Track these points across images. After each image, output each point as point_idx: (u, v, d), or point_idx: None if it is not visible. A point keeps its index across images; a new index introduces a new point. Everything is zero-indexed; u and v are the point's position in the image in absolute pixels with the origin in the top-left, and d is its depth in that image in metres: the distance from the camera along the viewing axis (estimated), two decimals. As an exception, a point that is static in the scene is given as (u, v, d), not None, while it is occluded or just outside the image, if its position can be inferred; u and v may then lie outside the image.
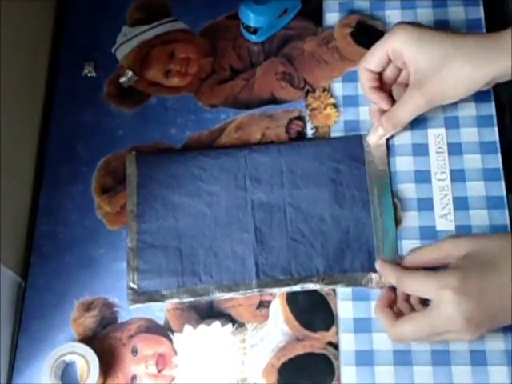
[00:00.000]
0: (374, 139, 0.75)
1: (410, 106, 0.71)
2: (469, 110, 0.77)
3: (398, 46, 0.70)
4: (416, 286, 0.64)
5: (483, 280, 0.61)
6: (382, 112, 0.74)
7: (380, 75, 0.74)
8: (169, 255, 0.72)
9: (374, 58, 0.72)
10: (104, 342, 0.70)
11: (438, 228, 0.72)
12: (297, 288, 0.70)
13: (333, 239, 0.72)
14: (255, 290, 0.70)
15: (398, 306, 0.67)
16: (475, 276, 0.61)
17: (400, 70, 0.74)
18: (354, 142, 0.76)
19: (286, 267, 0.71)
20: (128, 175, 0.77)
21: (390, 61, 0.73)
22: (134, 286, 0.71)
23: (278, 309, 0.70)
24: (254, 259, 0.71)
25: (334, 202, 0.73)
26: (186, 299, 0.71)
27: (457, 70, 0.68)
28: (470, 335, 0.62)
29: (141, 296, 0.71)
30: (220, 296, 0.71)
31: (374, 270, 0.70)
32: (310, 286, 0.70)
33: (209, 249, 0.72)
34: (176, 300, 0.71)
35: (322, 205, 0.73)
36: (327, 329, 0.69)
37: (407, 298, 0.67)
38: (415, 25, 0.71)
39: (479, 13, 0.81)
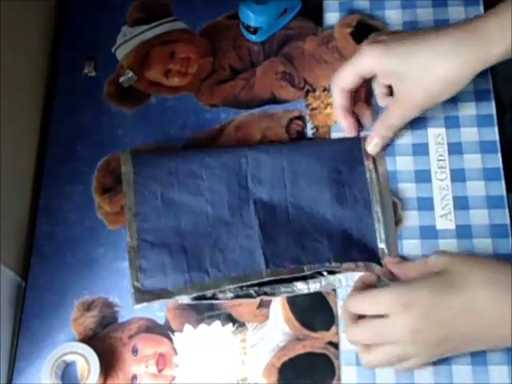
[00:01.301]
0: (373, 149, 0.74)
1: (400, 116, 0.72)
2: (469, 110, 0.77)
3: (371, 67, 0.69)
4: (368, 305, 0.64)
5: (435, 296, 0.61)
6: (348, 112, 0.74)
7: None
8: (172, 253, 0.71)
9: (349, 79, 0.71)
10: (104, 341, 0.70)
11: (438, 227, 0.72)
12: (309, 273, 0.69)
13: (337, 238, 0.71)
14: (267, 278, 0.69)
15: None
16: (427, 292, 0.61)
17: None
18: (352, 144, 0.76)
19: (295, 257, 0.70)
20: (123, 174, 0.75)
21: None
22: (138, 285, 0.70)
23: (279, 308, 0.70)
24: (262, 250, 0.70)
25: (336, 202, 0.73)
26: (195, 293, 0.69)
27: (440, 73, 0.67)
28: (419, 352, 0.62)
29: (146, 294, 0.70)
30: (230, 288, 0.70)
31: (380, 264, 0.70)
32: (323, 271, 0.70)
33: (214, 245, 0.72)
34: (184, 296, 0.69)
35: (324, 205, 0.73)
36: (327, 328, 0.69)
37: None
38: (382, 42, 0.69)
39: (479, 12, 0.81)
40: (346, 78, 0.71)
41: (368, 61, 0.69)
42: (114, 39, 0.85)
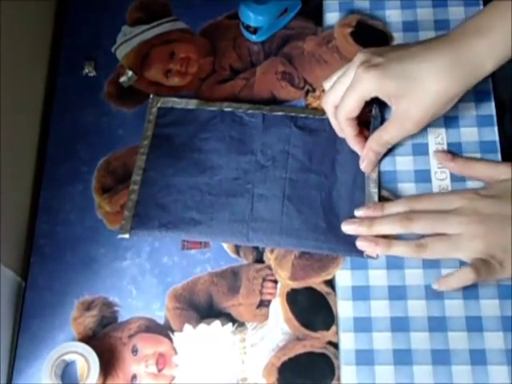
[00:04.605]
0: (370, 166, 0.74)
1: (398, 133, 0.72)
2: (469, 110, 0.77)
3: (371, 92, 0.69)
4: None
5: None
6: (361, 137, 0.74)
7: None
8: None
9: (355, 108, 0.71)
10: (104, 341, 0.70)
11: (438, 227, 0.72)
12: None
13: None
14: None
15: None
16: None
17: None
18: None
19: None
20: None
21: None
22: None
23: (278, 308, 0.70)
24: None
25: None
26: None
27: (439, 92, 0.67)
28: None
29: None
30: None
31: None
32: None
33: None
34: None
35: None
36: (327, 328, 0.69)
37: None
38: (379, 64, 0.69)
39: (479, 12, 0.81)
40: (352, 106, 0.71)
41: (369, 86, 0.69)
42: (114, 39, 0.85)
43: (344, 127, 0.73)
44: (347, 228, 0.71)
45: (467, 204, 0.68)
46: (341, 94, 0.71)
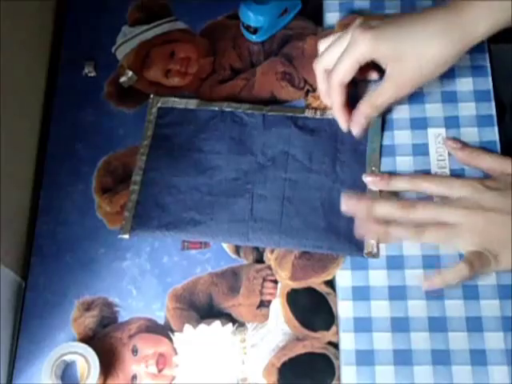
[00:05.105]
0: (360, 130, 0.74)
1: (392, 95, 0.72)
2: (469, 110, 0.77)
3: (367, 54, 0.70)
4: None
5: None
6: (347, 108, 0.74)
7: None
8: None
9: (350, 73, 0.71)
10: (104, 341, 0.70)
11: (439, 227, 0.72)
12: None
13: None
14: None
15: None
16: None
17: None
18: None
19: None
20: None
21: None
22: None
23: (279, 308, 0.70)
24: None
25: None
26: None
27: (431, 53, 0.68)
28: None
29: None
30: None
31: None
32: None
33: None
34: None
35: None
36: (327, 328, 0.69)
37: None
38: (374, 27, 0.69)
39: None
40: (346, 71, 0.71)
41: (364, 48, 0.69)
42: (114, 39, 0.85)
43: (333, 93, 0.73)
44: (348, 203, 0.70)
45: (471, 194, 0.68)
46: (335, 58, 0.71)
